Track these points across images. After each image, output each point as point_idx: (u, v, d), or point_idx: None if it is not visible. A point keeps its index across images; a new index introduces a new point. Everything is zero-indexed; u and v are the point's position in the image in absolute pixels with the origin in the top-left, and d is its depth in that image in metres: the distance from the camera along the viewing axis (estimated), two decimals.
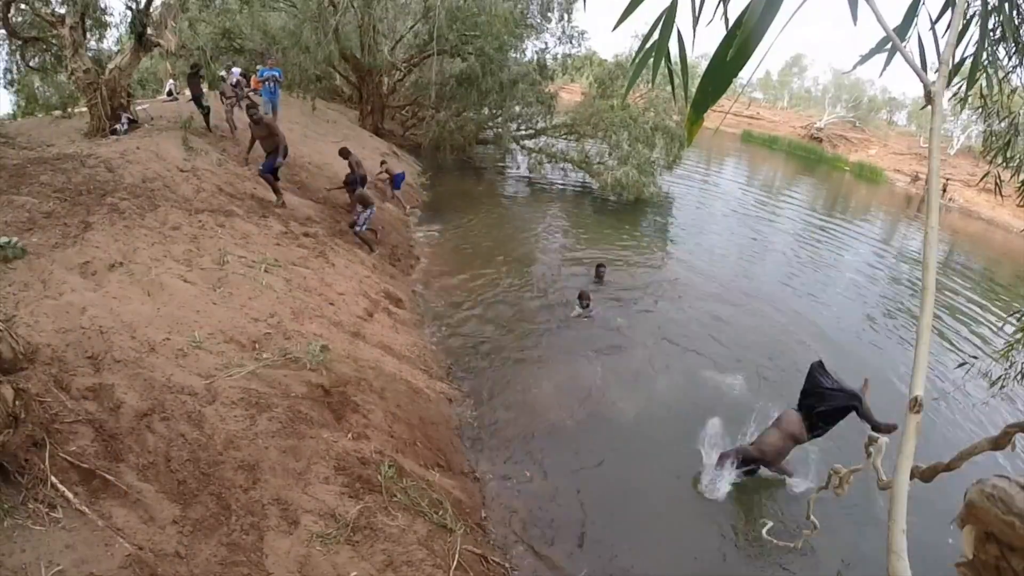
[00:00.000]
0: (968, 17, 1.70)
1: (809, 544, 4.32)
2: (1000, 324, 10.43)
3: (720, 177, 22.96)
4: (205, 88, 10.71)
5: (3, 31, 9.45)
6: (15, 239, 4.72)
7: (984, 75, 2.01)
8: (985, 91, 2.81)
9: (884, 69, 1.45)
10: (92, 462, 2.91)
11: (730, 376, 6.95)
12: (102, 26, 10.54)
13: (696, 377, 6.95)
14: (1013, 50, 2.49)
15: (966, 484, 0.72)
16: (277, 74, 11.63)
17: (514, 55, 16.12)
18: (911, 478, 0.78)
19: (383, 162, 11.71)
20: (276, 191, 8.17)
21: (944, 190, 23.25)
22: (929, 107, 0.92)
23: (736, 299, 9.58)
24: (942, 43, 1.39)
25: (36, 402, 2.97)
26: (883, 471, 0.89)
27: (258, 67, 12.39)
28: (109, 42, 11.53)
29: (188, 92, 10.72)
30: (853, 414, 4.90)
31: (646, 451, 5.51)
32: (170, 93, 14.32)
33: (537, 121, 16.91)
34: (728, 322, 8.57)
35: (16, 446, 2.60)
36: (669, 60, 1.18)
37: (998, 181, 4.18)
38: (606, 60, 19.29)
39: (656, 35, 1.13)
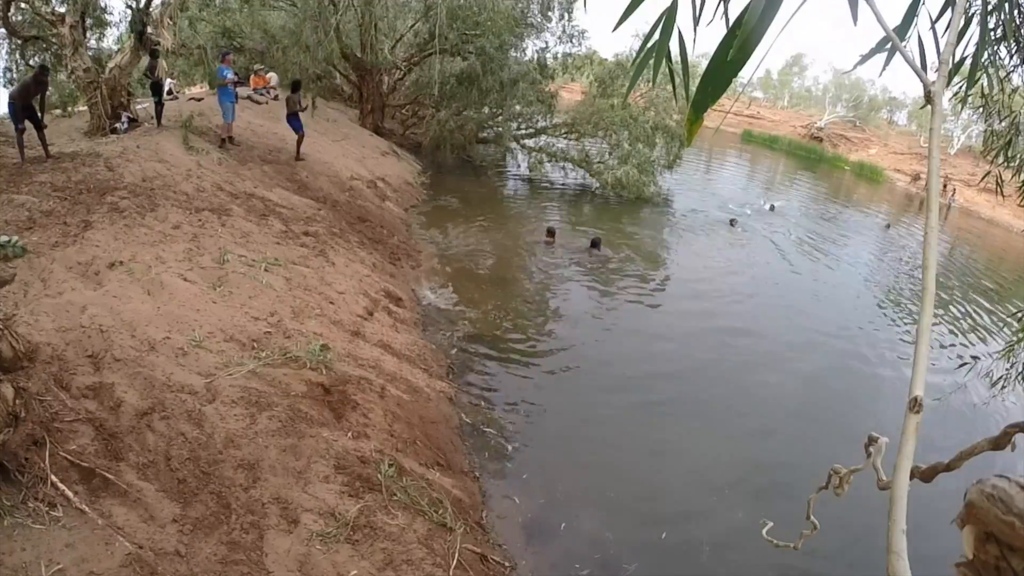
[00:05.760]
0: (968, 16, 1.70)
1: (809, 544, 4.32)
2: (1001, 324, 10.44)
3: (721, 176, 22.96)
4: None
5: (3, 30, 9.44)
6: (15, 238, 4.71)
7: (985, 75, 2.00)
8: (986, 91, 2.81)
9: (884, 69, 1.45)
10: (92, 461, 2.91)
11: (723, 385, 6.96)
12: (102, 25, 10.54)
13: (694, 374, 6.95)
14: (1014, 49, 2.48)
15: (966, 484, 0.72)
16: (229, 74, 9.89)
17: (514, 54, 16.08)
18: (911, 478, 0.77)
19: None
20: None
21: (945, 187, 23.23)
22: (929, 107, 0.92)
23: (734, 296, 9.59)
24: (942, 43, 1.39)
25: (36, 401, 2.98)
26: (883, 471, 0.89)
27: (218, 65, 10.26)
28: (109, 41, 11.53)
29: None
30: None
31: (645, 449, 5.52)
32: (170, 92, 14.31)
33: (537, 120, 16.89)
34: (729, 320, 8.58)
35: (16, 445, 2.60)
36: (670, 60, 1.18)
37: (999, 181, 4.18)
38: (606, 59, 19.27)
39: (656, 35, 1.13)
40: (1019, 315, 5.67)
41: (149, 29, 8.80)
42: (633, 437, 5.68)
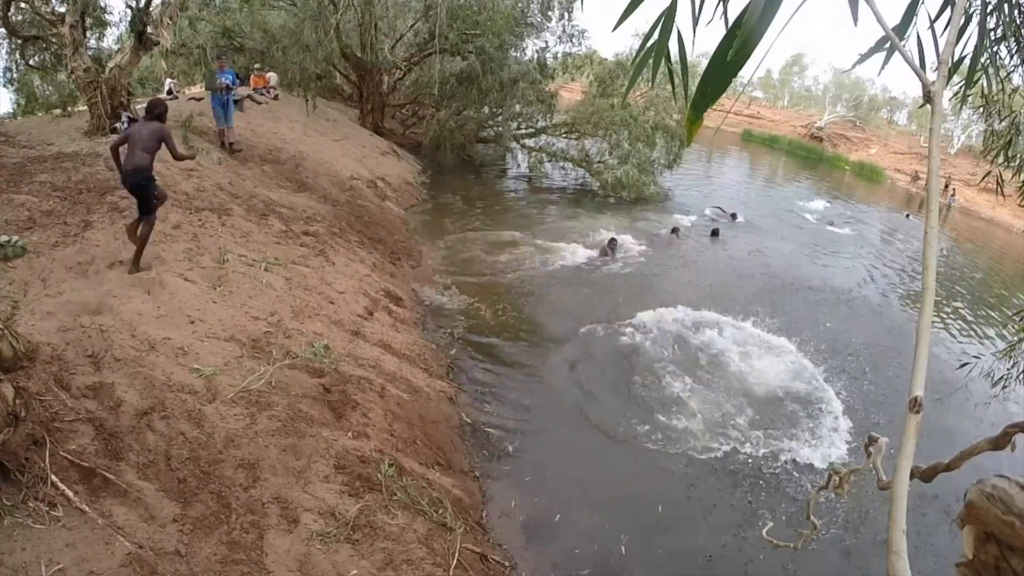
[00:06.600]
0: (968, 15, 1.69)
1: (809, 544, 4.32)
2: (1003, 324, 10.43)
3: (720, 175, 22.96)
4: None
5: (3, 30, 9.44)
6: (15, 237, 4.71)
7: (984, 75, 2.00)
8: (986, 91, 2.81)
9: (882, 68, 1.45)
10: (92, 460, 2.91)
11: (726, 385, 6.95)
12: (102, 25, 10.55)
13: (697, 374, 6.94)
14: (1015, 49, 2.48)
15: (966, 484, 0.72)
16: (231, 78, 9.33)
17: (514, 54, 16.08)
18: (911, 478, 0.77)
19: None
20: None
21: (946, 187, 23.22)
22: (929, 106, 0.92)
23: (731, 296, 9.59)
24: (941, 42, 1.39)
25: (36, 401, 2.98)
26: (883, 471, 0.89)
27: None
28: (109, 41, 11.55)
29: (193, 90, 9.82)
30: None
31: (647, 449, 5.52)
32: (169, 92, 14.30)
33: (537, 120, 16.89)
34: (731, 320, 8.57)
35: (16, 444, 2.60)
36: (669, 60, 1.18)
37: (999, 181, 4.17)
38: (606, 59, 19.29)
39: (656, 35, 1.13)
40: (1019, 315, 5.67)
41: (149, 29, 8.79)
42: (634, 436, 5.67)
